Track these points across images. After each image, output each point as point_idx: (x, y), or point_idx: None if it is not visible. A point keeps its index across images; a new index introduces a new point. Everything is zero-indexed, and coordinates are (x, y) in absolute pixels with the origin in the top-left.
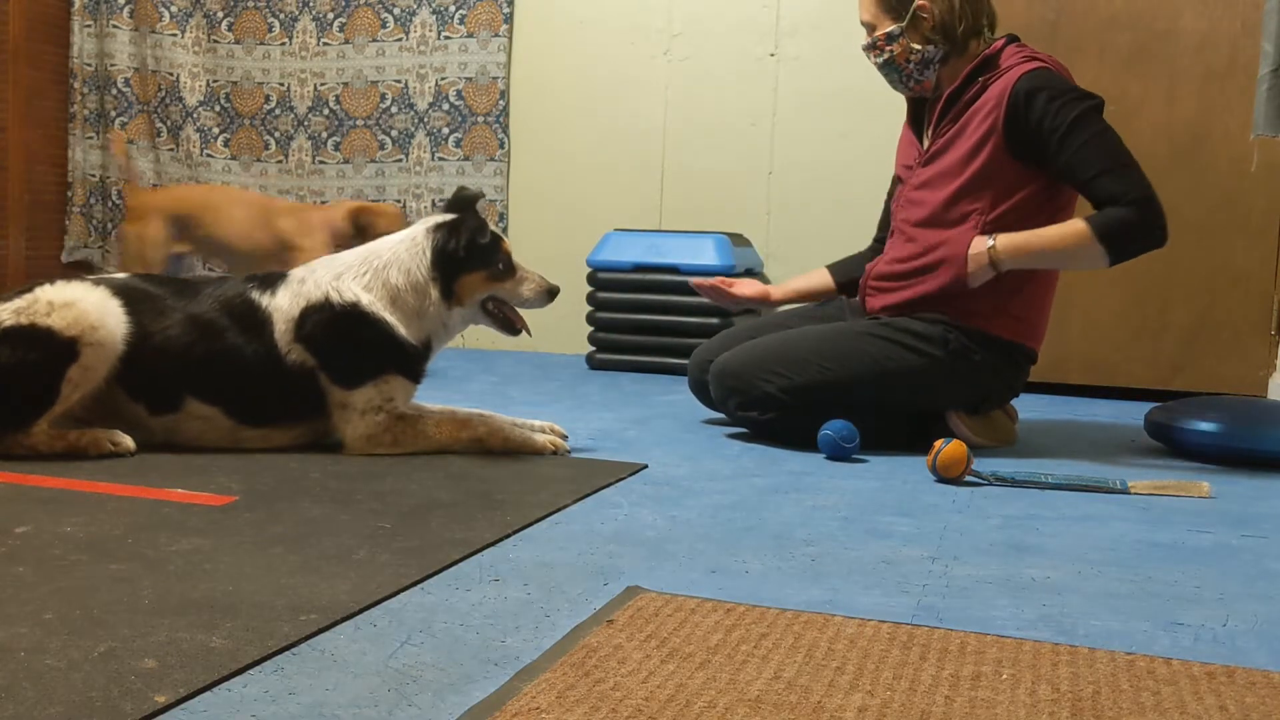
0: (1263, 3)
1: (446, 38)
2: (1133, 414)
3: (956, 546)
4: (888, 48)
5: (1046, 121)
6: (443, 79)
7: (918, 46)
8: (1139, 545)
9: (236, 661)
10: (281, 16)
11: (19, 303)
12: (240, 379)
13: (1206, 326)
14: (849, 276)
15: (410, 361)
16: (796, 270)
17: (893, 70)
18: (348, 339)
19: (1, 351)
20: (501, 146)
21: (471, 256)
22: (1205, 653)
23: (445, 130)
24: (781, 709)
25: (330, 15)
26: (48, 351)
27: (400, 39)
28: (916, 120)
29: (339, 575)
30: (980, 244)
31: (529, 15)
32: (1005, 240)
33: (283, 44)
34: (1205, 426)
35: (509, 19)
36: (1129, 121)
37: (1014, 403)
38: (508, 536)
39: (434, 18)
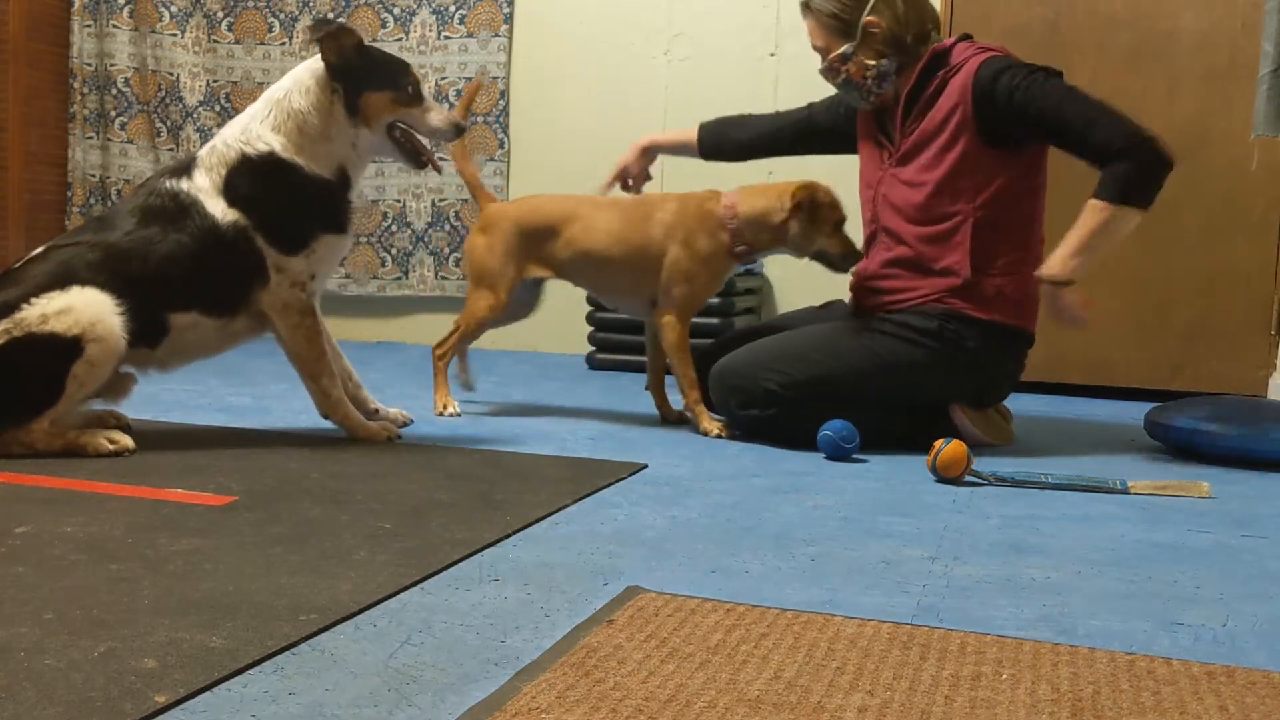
0: (1263, 3)
1: (446, 38)
2: (1133, 414)
3: (956, 546)
4: (844, 68)
5: (1018, 95)
6: (443, 79)
7: (871, 62)
8: (1139, 545)
9: (236, 661)
10: (281, 16)
11: (5, 324)
12: (195, 269)
13: (1206, 326)
14: (715, 141)
15: (335, 205)
16: (796, 269)
17: (852, 89)
18: (272, 192)
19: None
20: (501, 146)
21: (375, 72)
22: (1205, 653)
23: None
24: (781, 709)
25: (331, 15)
26: (51, 352)
27: (400, 39)
28: (879, 125)
29: (339, 575)
30: (1059, 266)
31: (529, 15)
32: (1073, 263)
33: (283, 44)
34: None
35: (509, 19)
36: None
37: (1013, 402)
38: (508, 536)
39: (434, 18)
